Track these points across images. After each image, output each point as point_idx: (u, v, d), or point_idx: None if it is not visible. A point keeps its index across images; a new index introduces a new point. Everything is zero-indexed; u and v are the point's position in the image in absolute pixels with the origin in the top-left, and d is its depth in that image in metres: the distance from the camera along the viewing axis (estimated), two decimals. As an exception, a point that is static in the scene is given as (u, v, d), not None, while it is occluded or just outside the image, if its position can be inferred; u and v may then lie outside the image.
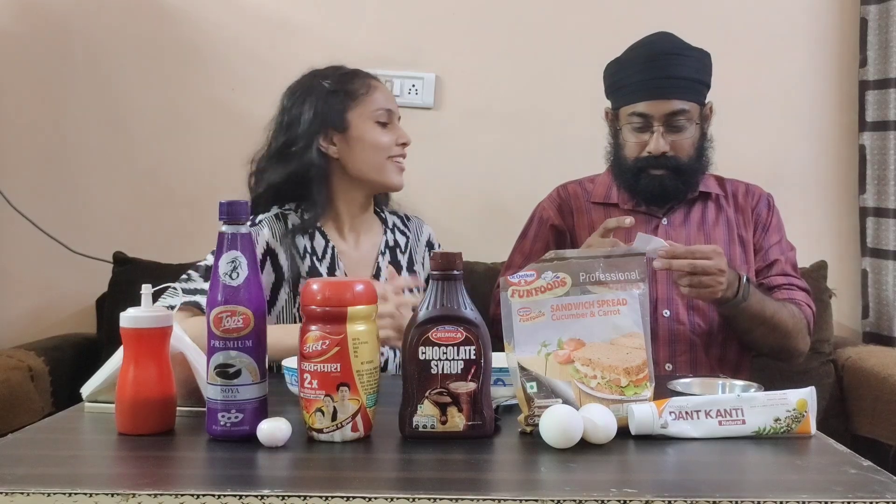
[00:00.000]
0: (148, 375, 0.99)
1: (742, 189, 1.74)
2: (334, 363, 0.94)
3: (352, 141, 1.52)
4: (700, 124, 1.66)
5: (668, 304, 1.63)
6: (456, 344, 0.95)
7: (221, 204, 0.97)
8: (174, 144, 2.32)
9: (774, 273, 1.67)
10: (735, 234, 1.69)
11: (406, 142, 1.56)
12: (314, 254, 1.51)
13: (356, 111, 1.53)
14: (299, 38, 2.30)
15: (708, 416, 0.96)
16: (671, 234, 1.67)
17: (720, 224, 1.69)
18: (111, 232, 2.28)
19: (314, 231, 1.53)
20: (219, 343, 0.95)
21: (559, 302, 1.02)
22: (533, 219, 1.80)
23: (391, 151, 1.54)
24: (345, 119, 1.52)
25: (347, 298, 0.95)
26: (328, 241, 1.54)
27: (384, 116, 1.54)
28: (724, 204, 1.72)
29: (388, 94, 1.60)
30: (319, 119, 1.52)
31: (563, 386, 0.99)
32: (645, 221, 1.69)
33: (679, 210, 1.70)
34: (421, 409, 0.95)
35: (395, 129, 1.56)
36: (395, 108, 1.58)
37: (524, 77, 2.32)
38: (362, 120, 1.52)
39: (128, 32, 2.31)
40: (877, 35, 2.22)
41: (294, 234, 1.50)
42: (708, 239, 1.67)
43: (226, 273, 0.95)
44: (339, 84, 1.54)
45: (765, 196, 1.74)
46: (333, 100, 1.53)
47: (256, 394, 0.96)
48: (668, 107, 1.60)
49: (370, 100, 1.53)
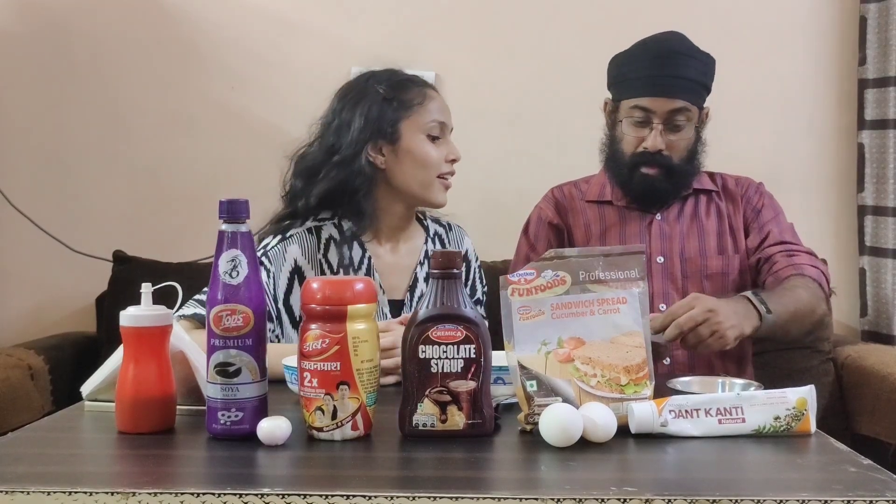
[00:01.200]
0: (148, 374, 0.99)
1: (731, 181, 1.76)
2: (334, 362, 0.94)
3: (401, 153, 1.46)
4: (697, 127, 1.66)
5: (665, 298, 1.63)
6: (456, 342, 0.95)
7: (221, 203, 0.97)
8: (174, 143, 2.32)
9: (769, 243, 1.65)
10: (726, 224, 1.70)
11: (456, 158, 1.50)
12: (351, 265, 1.46)
13: (408, 122, 1.46)
14: (299, 36, 2.30)
15: (708, 415, 0.96)
16: (665, 230, 1.68)
17: (711, 215, 1.71)
18: (111, 230, 2.28)
19: (352, 241, 1.48)
20: (219, 342, 0.95)
21: (559, 300, 1.02)
22: (531, 221, 1.80)
23: (440, 168, 1.48)
24: (397, 129, 1.46)
25: (347, 297, 0.95)
26: (365, 250, 1.49)
27: (436, 130, 1.48)
28: (715, 198, 1.73)
29: (442, 105, 1.51)
30: (371, 127, 1.45)
31: (562, 384, 0.99)
32: (639, 218, 1.70)
33: (673, 206, 1.71)
34: (421, 407, 0.95)
35: (446, 144, 1.50)
36: (449, 121, 1.51)
37: (523, 76, 2.32)
38: (413, 132, 1.46)
39: (127, 31, 2.31)
40: (876, 33, 2.22)
41: (332, 247, 1.45)
42: (701, 231, 1.68)
43: (226, 272, 0.95)
44: (394, 91, 1.47)
45: (754, 184, 1.75)
46: (387, 108, 1.46)
47: (256, 392, 0.96)
48: (671, 105, 1.60)
49: (424, 111, 1.47)
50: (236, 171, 2.28)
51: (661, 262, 1.67)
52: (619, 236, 1.70)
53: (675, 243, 1.68)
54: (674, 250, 1.67)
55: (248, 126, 2.30)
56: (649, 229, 1.69)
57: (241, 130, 2.30)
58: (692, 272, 1.66)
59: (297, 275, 1.44)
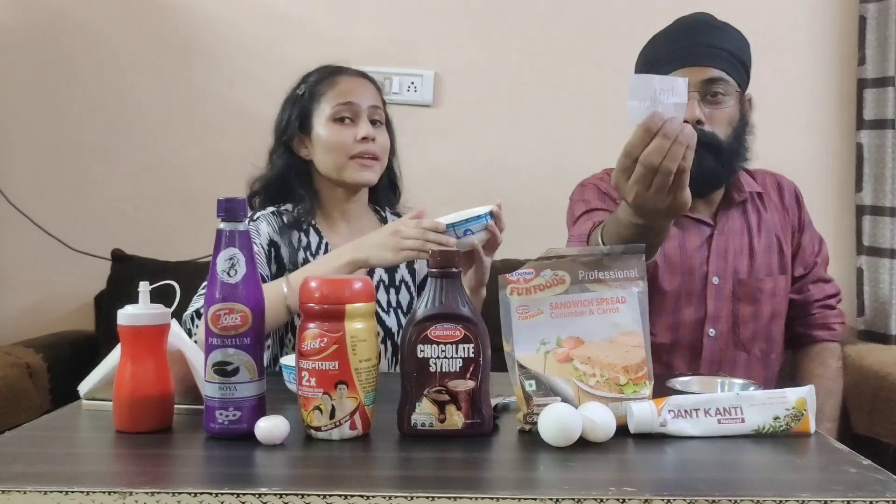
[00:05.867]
0: (145, 373, 0.98)
1: (773, 184, 1.67)
2: (332, 361, 0.93)
3: (315, 142, 1.53)
4: (740, 105, 1.53)
5: (715, 322, 1.56)
6: (454, 342, 0.95)
7: (219, 201, 0.97)
8: (173, 140, 2.32)
9: (811, 280, 1.66)
10: (774, 239, 1.62)
11: (365, 136, 1.49)
12: (308, 249, 1.51)
13: (317, 111, 1.53)
14: (298, 33, 2.30)
15: (707, 415, 0.96)
16: (720, 246, 1.57)
17: (762, 229, 1.61)
18: (109, 229, 2.28)
19: (308, 228, 1.53)
20: (217, 340, 0.95)
21: (558, 300, 1.02)
22: (586, 188, 1.64)
23: (350, 150, 1.49)
24: (309, 121, 1.54)
25: (346, 296, 0.95)
26: (322, 237, 1.54)
27: (344, 111, 1.50)
28: (759, 204, 1.63)
29: (351, 86, 1.53)
30: (292, 124, 1.55)
31: (561, 384, 0.99)
32: (698, 229, 1.58)
33: (731, 213, 1.60)
34: (419, 407, 0.95)
35: (357, 126, 1.50)
36: (361, 101, 1.51)
37: (523, 73, 2.32)
38: (321, 121, 1.52)
39: (126, 27, 2.30)
40: (875, 33, 2.22)
41: (289, 230, 1.51)
42: (752, 248, 1.59)
43: (224, 270, 0.95)
44: (311, 86, 1.55)
45: (793, 188, 1.69)
46: (303, 103, 1.55)
47: (254, 392, 0.96)
48: (705, 73, 1.47)
49: (329, 97, 1.52)
50: (235, 169, 2.25)
51: (717, 282, 1.56)
52: (679, 250, 1.56)
53: (728, 262, 1.58)
54: (728, 270, 1.57)
55: (248, 123, 2.28)
56: (709, 244, 1.57)
57: (240, 127, 2.29)
58: (745, 294, 1.57)
59: (273, 248, 1.48)
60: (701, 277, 1.57)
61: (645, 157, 1.05)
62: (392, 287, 1.55)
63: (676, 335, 1.56)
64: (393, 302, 1.54)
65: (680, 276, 1.55)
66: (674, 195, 1.07)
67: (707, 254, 1.58)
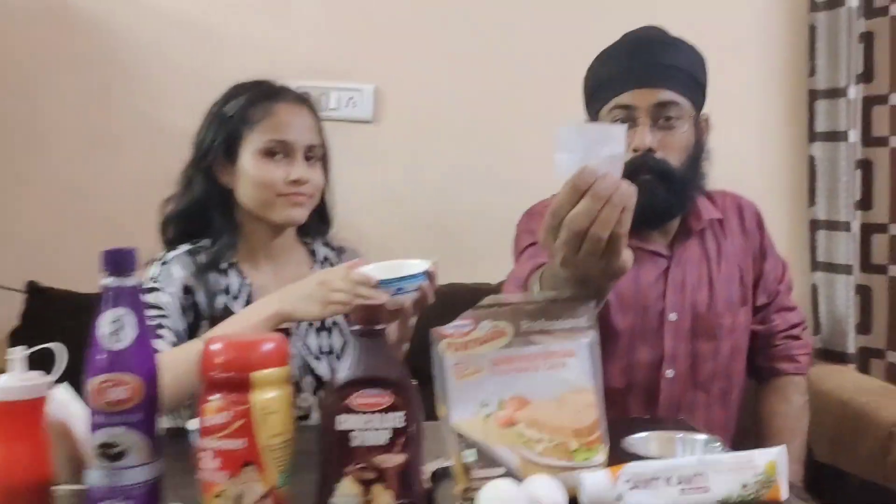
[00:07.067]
0: (19, 455, 0.84)
1: (734, 206, 1.57)
2: (238, 439, 0.80)
3: (239, 173, 1.40)
4: (695, 128, 1.44)
5: (673, 362, 1.47)
6: (380, 409, 0.83)
7: (104, 253, 0.83)
8: (93, 163, 2.16)
9: (774, 309, 1.57)
10: (735, 269, 1.52)
11: (296, 179, 1.39)
12: (228, 292, 1.38)
13: (247, 140, 1.40)
14: (227, 47, 2.16)
15: (668, 484, 0.85)
16: (677, 280, 1.47)
17: (723, 259, 1.51)
18: (23, 259, 2.11)
19: (227, 268, 1.39)
20: (101, 418, 0.81)
21: (499, 355, 0.90)
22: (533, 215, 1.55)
23: (278, 189, 1.38)
24: (235, 149, 1.40)
25: (253, 361, 0.82)
26: (244, 277, 1.40)
27: (277, 147, 1.39)
28: (718, 231, 1.53)
29: (288, 118, 1.41)
30: (219, 148, 1.41)
31: (505, 453, 0.87)
32: (653, 262, 1.48)
33: (688, 244, 1.50)
34: (339, 488, 0.82)
35: (290, 164, 1.39)
36: (297, 138, 1.40)
37: (472, 89, 2.20)
38: (249, 151, 1.39)
39: (39, 43, 2.14)
40: (826, 43, 2.16)
41: (206, 271, 1.36)
42: (711, 279, 1.49)
43: (107, 335, 0.81)
44: (242, 108, 1.40)
45: (754, 211, 1.59)
46: (230, 126, 1.40)
47: (146, 476, 0.82)
48: (655, 96, 1.37)
49: (263, 128, 1.39)
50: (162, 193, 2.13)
51: (674, 319, 1.47)
52: (633, 285, 1.45)
53: (686, 296, 1.47)
54: (685, 304, 1.47)
55: (176, 145, 2.13)
56: (665, 278, 1.47)
57: (166, 149, 2.13)
58: (704, 330, 1.47)
59: (189, 294, 1.35)
60: (657, 314, 1.46)
61: (570, 220, 0.85)
62: (323, 331, 1.42)
63: (631, 378, 1.45)
64: (324, 346, 1.41)
65: (633, 314, 1.45)
66: (607, 261, 0.88)
67: (663, 288, 1.47)
